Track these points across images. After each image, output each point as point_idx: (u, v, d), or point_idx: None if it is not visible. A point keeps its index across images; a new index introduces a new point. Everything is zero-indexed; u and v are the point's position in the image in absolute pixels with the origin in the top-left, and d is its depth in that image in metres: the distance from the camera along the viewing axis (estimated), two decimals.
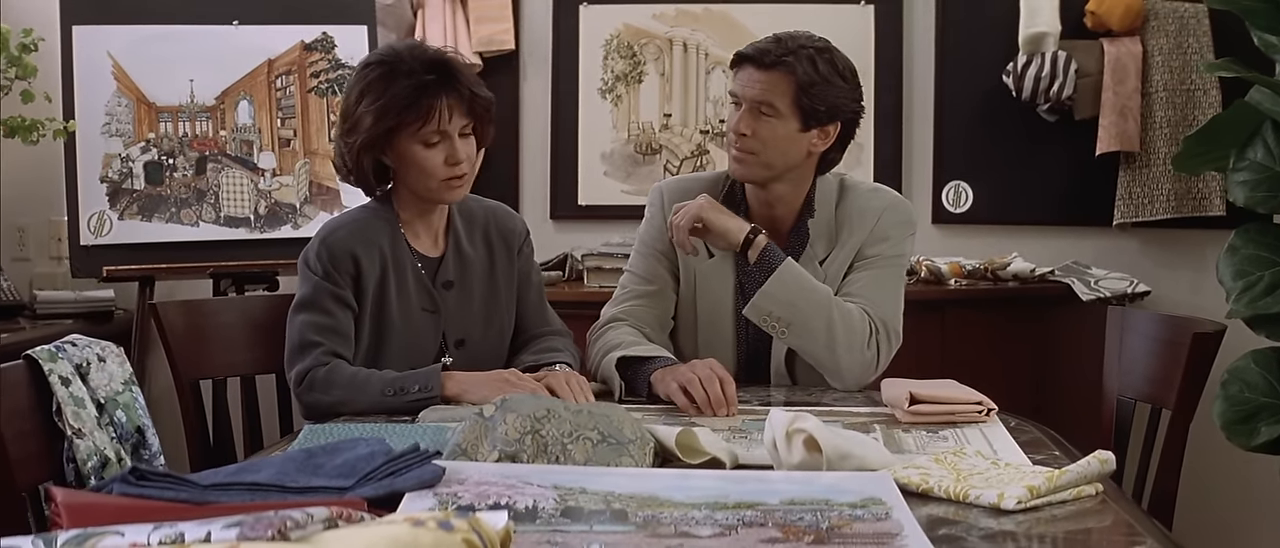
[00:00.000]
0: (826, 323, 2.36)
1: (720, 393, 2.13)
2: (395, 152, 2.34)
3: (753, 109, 2.41)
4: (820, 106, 2.40)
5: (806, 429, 1.65)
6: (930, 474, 1.63)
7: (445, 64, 2.33)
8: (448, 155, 2.31)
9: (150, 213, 3.57)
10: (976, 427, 2.03)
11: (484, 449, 1.67)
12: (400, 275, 2.40)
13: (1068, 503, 1.57)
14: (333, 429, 1.98)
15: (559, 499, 1.46)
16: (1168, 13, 3.84)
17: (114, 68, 3.56)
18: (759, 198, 2.51)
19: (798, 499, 1.47)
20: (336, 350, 2.33)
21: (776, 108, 2.39)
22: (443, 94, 2.30)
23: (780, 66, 2.38)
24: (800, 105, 2.40)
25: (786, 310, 2.36)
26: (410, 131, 2.30)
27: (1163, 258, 4.00)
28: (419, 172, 2.33)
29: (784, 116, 2.40)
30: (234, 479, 1.54)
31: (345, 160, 2.39)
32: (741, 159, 2.44)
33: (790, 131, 2.41)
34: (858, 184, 2.56)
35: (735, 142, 2.43)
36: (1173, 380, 2.26)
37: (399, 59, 2.33)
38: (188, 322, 2.60)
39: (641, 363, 2.32)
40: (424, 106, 2.28)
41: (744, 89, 2.42)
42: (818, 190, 2.51)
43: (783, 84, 2.39)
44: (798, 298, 2.36)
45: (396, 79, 2.30)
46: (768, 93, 2.39)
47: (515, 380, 2.24)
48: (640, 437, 1.72)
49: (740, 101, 2.43)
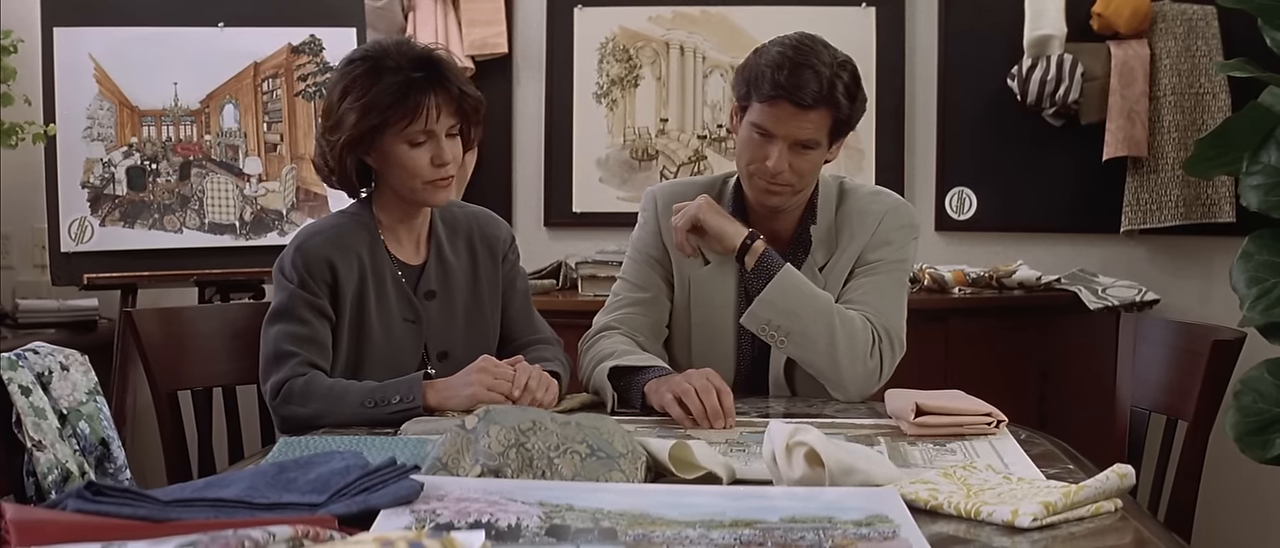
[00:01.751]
0: (828, 332, 2.28)
1: (717, 404, 2.06)
2: (379, 151, 2.27)
3: (792, 146, 2.30)
4: (853, 125, 2.37)
5: (808, 442, 1.59)
6: (939, 490, 1.57)
7: (433, 61, 2.27)
8: (434, 156, 2.25)
9: (133, 219, 3.52)
10: (986, 439, 1.98)
11: (465, 463, 1.61)
12: (380, 284, 2.33)
13: (1086, 520, 1.51)
14: (309, 442, 1.91)
15: (544, 517, 1.40)
16: (1176, 14, 3.80)
17: (96, 70, 3.51)
18: (771, 213, 2.43)
19: (799, 517, 1.41)
20: (313, 361, 2.26)
21: (819, 142, 2.32)
22: (431, 92, 2.23)
23: (823, 105, 2.28)
24: (836, 132, 2.34)
25: (786, 319, 2.29)
26: (396, 130, 2.23)
27: (1171, 266, 3.96)
28: (403, 172, 2.27)
29: (821, 147, 2.33)
30: (199, 495, 1.47)
31: (326, 160, 2.32)
32: (777, 192, 2.35)
33: (822, 156, 2.36)
34: (858, 187, 2.50)
35: (769, 177, 2.32)
36: (1190, 390, 2.21)
37: (386, 54, 2.27)
38: (165, 331, 2.53)
39: (635, 373, 2.25)
40: (411, 104, 2.22)
41: (783, 129, 2.28)
42: (820, 195, 2.44)
43: (824, 121, 2.30)
44: (797, 305, 2.29)
45: (382, 75, 2.23)
46: (811, 132, 2.29)
47: (490, 368, 2.17)
48: (632, 450, 1.65)
49: (771, 136, 2.30)
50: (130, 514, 1.37)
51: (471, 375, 2.17)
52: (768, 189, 2.35)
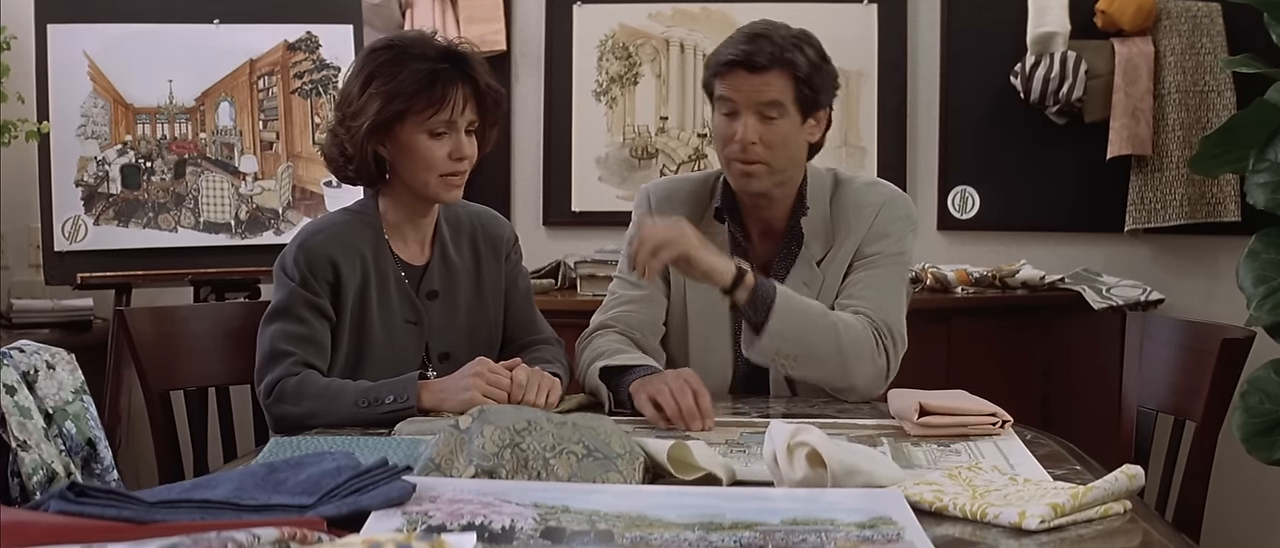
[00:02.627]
0: (835, 345, 2.24)
1: (693, 405, 2.01)
2: (397, 141, 2.25)
3: (756, 114, 2.29)
4: (820, 95, 2.33)
5: (810, 443, 1.55)
6: (944, 491, 1.54)
7: (459, 54, 2.27)
8: (452, 149, 2.24)
9: (127, 218, 3.49)
10: (991, 440, 1.94)
11: (459, 464, 1.57)
12: (382, 284, 2.30)
13: (1094, 522, 1.48)
14: (300, 442, 1.88)
15: (539, 519, 1.36)
16: (1181, 12, 3.77)
17: (90, 68, 3.48)
18: (758, 202, 2.40)
19: (800, 519, 1.37)
20: (310, 361, 2.23)
21: (782, 105, 2.29)
22: (458, 83, 2.23)
23: (779, 65, 2.28)
24: (801, 98, 2.31)
25: (794, 345, 2.24)
26: (419, 119, 2.22)
27: (1175, 265, 3.93)
28: (420, 164, 2.24)
29: (789, 114, 2.31)
30: (186, 496, 1.44)
31: (345, 149, 2.28)
32: (752, 173, 2.32)
33: (795, 128, 2.33)
34: (853, 178, 2.47)
35: (741, 152, 2.30)
36: (1198, 390, 2.17)
37: (412, 44, 2.26)
38: (157, 329, 2.50)
39: (623, 373, 2.21)
40: (438, 93, 2.21)
41: (743, 95, 2.29)
42: (809, 184, 2.41)
43: (782, 81, 2.29)
44: (802, 329, 2.24)
45: (408, 63, 2.22)
46: (771, 93, 2.29)
47: (485, 374, 2.14)
48: (629, 451, 1.61)
49: (737, 110, 2.30)
50: (114, 516, 1.33)
51: (468, 379, 2.13)
52: (743, 169, 2.32)
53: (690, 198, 2.48)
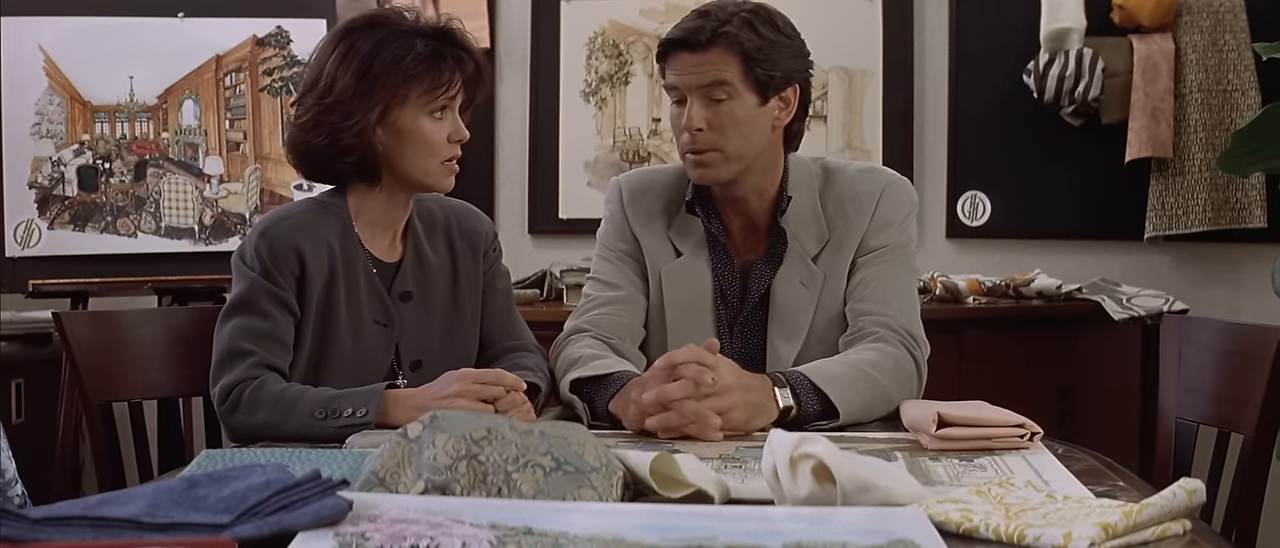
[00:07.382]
0: (883, 393, 2.07)
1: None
2: (393, 127, 2.09)
3: (702, 97, 2.16)
4: (775, 73, 2.17)
5: (816, 454, 1.38)
6: (973, 510, 1.36)
7: (450, 31, 2.15)
8: (453, 131, 2.12)
9: (84, 222, 3.41)
10: (1018, 454, 1.77)
11: (407, 477, 1.40)
12: (351, 280, 2.13)
13: (1150, 544, 1.30)
14: (233, 454, 1.71)
15: (496, 542, 1.19)
16: (1202, 6, 3.75)
17: (46, 63, 3.41)
18: (730, 195, 2.26)
19: (806, 542, 1.20)
20: (271, 361, 2.06)
21: (729, 85, 2.15)
22: (455, 61, 2.11)
23: (719, 40, 2.14)
24: (753, 77, 2.16)
25: (864, 413, 2.05)
26: (420, 101, 2.09)
27: (1197, 275, 3.89)
28: (423, 149, 2.10)
29: (739, 95, 2.16)
30: (84, 513, 1.24)
31: (338, 140, 2.10)
32: (703, 162, 2.19)
33: (749, 110, 2.17)
34: (844, 166, 2.33)
35: (690, 142, 2.18)
36: (1248, 400, 2.01)
37: (399, 19, 2.12)
38: (98, 335, 2.34)
39: (600, 383, 2.05)
40: (443, 73, 2.09)
41: (684, 78, 2.17)
42: (791, 175, 2.27)
43: (726, 58, 2.15)
44: (863, 397, 2.04)
45: (396, 40, 2.08)
46: (714, 72, 2.15)
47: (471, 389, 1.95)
48: (606, 464, 1.43)
49: (683, 95, 2.19)
50: None
51: (453, 386, 1.95)
52: (694, 159, 2.19)
53: (664, 190, 2.34)
